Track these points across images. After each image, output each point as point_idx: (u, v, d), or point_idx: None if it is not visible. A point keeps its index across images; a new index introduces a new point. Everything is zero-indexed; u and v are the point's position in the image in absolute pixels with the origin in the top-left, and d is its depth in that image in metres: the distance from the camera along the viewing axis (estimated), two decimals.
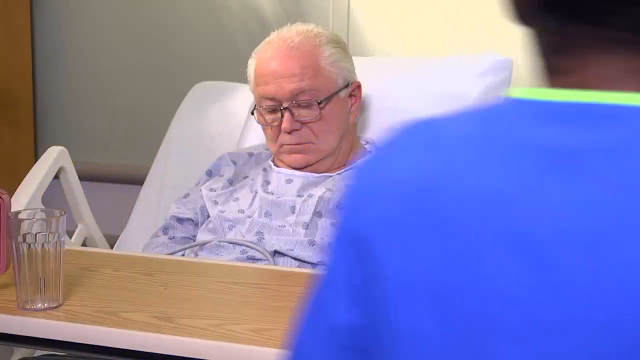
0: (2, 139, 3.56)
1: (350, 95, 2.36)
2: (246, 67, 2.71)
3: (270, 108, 2.30)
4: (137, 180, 2.88)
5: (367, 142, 2.45)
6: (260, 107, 2.31)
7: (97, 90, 3.55)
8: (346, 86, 2.34)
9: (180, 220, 2.37)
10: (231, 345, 1.50)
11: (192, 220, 2.38)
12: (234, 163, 2.44)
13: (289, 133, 2.28)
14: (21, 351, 2.21)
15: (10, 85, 3.55)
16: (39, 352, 2.11)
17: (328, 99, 2.30)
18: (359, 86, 2.39)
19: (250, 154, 2.47)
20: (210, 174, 2.45)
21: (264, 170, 2.38)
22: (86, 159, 3.49)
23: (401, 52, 2.99)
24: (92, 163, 3.51)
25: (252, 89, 2.36)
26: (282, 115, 2.28)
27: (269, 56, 2.32)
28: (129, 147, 3.53)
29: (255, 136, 2.60)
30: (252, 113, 2.34)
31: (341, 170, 2.33)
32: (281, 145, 2.32)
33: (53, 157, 2.37)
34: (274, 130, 2.31)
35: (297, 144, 2.30)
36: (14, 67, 3.56)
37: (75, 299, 1.71)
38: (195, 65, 3.38)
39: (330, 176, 2.31)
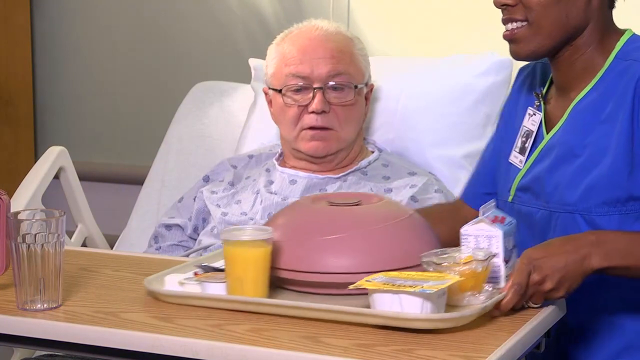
0: (2, 138, 3.56)
1: (365, 97, 2.37)
2: (246, 67, 2.72)
3: (298, 87, 2.29)
4: (137, 180, 2.88)
5: (368, 143, 2.45)
6: (286, 85, 2.30)
7: (97, 90, 3.55)
8: (366, 84, 2.36)
9: (168, 227, 2.36)
10: (231, 346, 1.50)
11: (180, 226, 2.37)
12: (234, 167, 2.43)
13: (318, 114, 2.28)
14: (21, 351, 2.21)
15: (10, 85, 3.55)
16: (38, 353, 2.11)
17: (359, 87, 2.32)
18: (371, 89, 2.40)
19: (250, 156, 2.46)
20: (207, 179, 2.43)
21: (267, 170, 2.37)
22: (86, 159, 3.49)
23: (401, 52, 2.99)
24: (92, 163, 3.51)
25: (274, 73, 2.34)
26: (314, 96, 2.28)
27: (305, 38, 2.32)
28: (129, 147, 3.53)
29: (255, 136, 2.60)
30: (280, 91, 2.30)
31: (344, 173, 2.32)
32: (302, 130, 2.30)
33: (53, 157, 2.37)
34: (296, 112, 2.30)
35: (320, 129, 2.29)
36: (14, 67, 3.56)
37: (75, 299, 1.71)
38: (195, 65, 3.37)
39: (333, 178, 2.30)
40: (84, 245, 2.44)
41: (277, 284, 1.72)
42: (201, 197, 2.37)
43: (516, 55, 1.85)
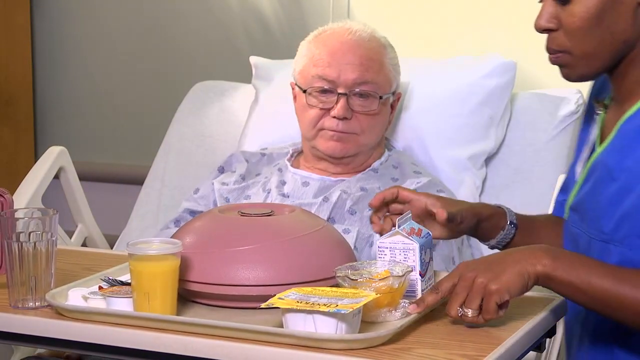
0: (2, 139, 3.56)
1: (391, 105, 2.36)
2: (246, 67, 2.72)
3: (323, 89, 2.28)
4: (137, 180, 2.88)
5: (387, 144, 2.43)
6: (311, 86, 2.29)
7: (97, 90, 3.55)
8: (393, 93, 2.34)
9: (193, 213, 2.33)
10: (231, 345, 1.49)
11: None
12: (247, 161, 2.42)
13: (340, 120, 2.27)
14: (21, 350, 2.21)
15: (10, 85, 3.55)
16: (39, 352, 2.11)
17: (385, 97, 2.30)
18: (398, 98, 2.39)
19: (263, 154, 2.45)
20: (222, 170, 2.42)
21: (279, 170, 2.36)
22: (86, 159, 3.49)
23: (403, 54, 2.98)
24: (92, 163, 3.51)
25: (302, 71, 2.33)
26: (337, 101, 2.26)
27: (337, 40, 2.30)
28: (129, 147, 3.52)
29: (256, 136, 2.59)
30: (305, 91, 2.29)
31: (356, 175, 2.31)
32: (320, 130, 2.29)
33: (53, 157, 2.37)
34: (318, 113, 2.29)
35: (341, 132, 2.28)
36: (14, 67, 3.56)
37: None
38: (195, 65, 3.37)
39: (345, 180, 2.29)
40: (84, 245, 2.44)
41: (187, 297, 1.67)
42: (213, 189, 2.36)
43: (567, 79, 1.73)
